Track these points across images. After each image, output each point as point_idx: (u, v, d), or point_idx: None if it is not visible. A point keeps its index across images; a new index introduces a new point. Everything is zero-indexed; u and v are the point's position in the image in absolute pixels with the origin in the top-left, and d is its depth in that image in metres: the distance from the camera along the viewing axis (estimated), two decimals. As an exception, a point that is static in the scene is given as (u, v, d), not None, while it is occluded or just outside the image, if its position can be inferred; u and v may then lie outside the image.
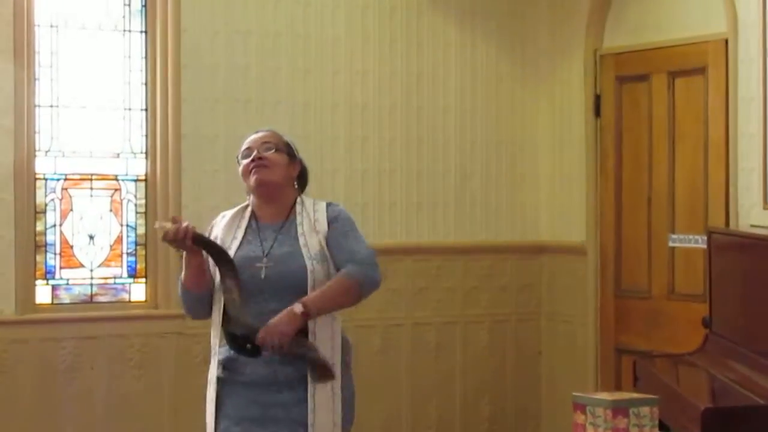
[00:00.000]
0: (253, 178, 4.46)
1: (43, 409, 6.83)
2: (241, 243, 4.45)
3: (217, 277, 4.43)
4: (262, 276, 4.38)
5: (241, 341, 4.35)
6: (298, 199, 4.53)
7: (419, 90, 7.88)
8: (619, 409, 4.38)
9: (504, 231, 8.15)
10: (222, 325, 4.38)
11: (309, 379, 4.35)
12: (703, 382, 5.91)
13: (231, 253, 4.43)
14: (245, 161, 4.48)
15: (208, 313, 4.49)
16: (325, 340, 4.40)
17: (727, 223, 6.95)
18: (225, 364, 4.42)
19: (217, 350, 4.44)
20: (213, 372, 4.45)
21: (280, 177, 4.47)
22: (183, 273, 4.46)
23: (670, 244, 7.38)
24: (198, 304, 4.48)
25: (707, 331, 6.36)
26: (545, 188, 8.21)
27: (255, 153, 4.46)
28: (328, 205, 4.54)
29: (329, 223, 4.48)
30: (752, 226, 6.67)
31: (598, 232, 7.90)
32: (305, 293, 4.34)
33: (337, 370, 4.40)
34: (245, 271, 4.39)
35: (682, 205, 7.37)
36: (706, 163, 7.18)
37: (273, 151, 4.49)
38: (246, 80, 7.31)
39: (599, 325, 7.87)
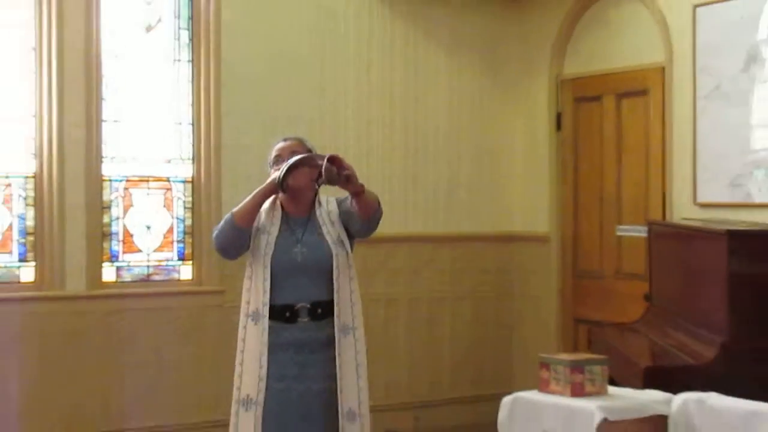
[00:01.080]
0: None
1: (107, 369, 6.80)
2: (279, 231, 4.45)
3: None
4: (299, 259, 4.38)
5: (281, 310, 4.36)
6: (317, 197, 4.57)
7: (416, 108, 7.86)
8: (576, 367, 4.41)
9: (483, 223, 8.13)
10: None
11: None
12: (644, 346, 5.91)
13: (272, 238, 4.41)
14: (275, 167, 4.49)
15: (238, 253, 4.43)
16: (345, 296, 4.42)
17: (664, 217, 6.97)
18: (269, 332, 4.39)
19: (265, 322, 4.37)
20: (259, 341, 4.38)
21: (305, 181, 4.50)
22: (242, 208, 4.37)
23: (618, 233, 7.38)
24: (240, 239, 4.38)
25: (648, 304, 6.38)
26: (516, 189, 8.19)
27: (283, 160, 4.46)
28: (336, 198, 4.55)
29: (338, 205, 4.50)
30: (683, 218, 6.70)
31: (559, 223, 7.91)
32: (330, 273, 4.36)
33: (359, 323, 4.39)
34: (285, 254, 4.39)
35: (627, 202, 7.37)
36: (647, 168, 7.19)
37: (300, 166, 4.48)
38: (274, 99, 7.28)
39: (560, 300, 7.87)
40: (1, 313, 6.53)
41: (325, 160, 4.18)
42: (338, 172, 4.20)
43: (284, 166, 4.36)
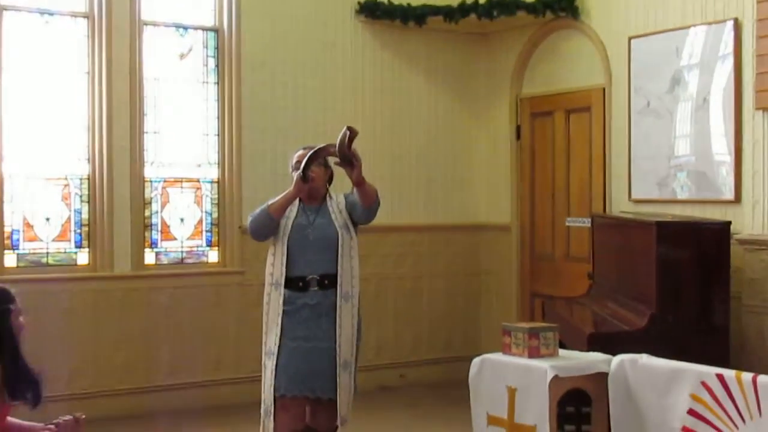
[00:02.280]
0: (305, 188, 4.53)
1: (149, 335, 6.80)
2: (296, 216, 4.55)
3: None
4: (311, 238, 4.49)
5: (295, 281, 4.43)
6: (329, 193, 4.64)
7: (400, 122, 7.83)
8: (533, 333, 4.41)
9: (456, 215, 8.11)
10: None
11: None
12: (588, 316, 5.92)
13: (289, 222, 4.51)
14: (296, 171, 4.54)
15: (267, 237, 4.54)
16: (347, 270, 4.48)
17: (605, 210, 6.98)
18: (284, 299, 4.48)
19: (282, 291, 4.47)
20: (279, 305, 4.47)
21: (319, 183, 4.57)
22: (275, 203, 4.49)
23: (567, 224, 7.39)
24: (271, 228, 4.50)
25: (591, 282, 6.39)
26: (483, 186, 8.16)
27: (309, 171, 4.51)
28: (344, 194, 4.64)
29: (345, 198, 4.61)
30: (621, 212, 6.72)
31: (518, 215, 7.89)
32: (336, 251, 4.46)
33: (356, 293, 4.49)
34: (299, 234, 4.49)
35: (574, 198, 7.37)
36: (591, 170, 7.18)
37: (316, 166, 4.55)
38: (285, 116, 7.26)
39: (519, 278, 7.85)
40: (63, 290, 6.53)
41: (345, 127, 4.22)
42: (349, 144, 4.24)
43: (305, 159, 4.45)
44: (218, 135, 7.17)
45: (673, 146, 6.49)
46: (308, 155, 4.44)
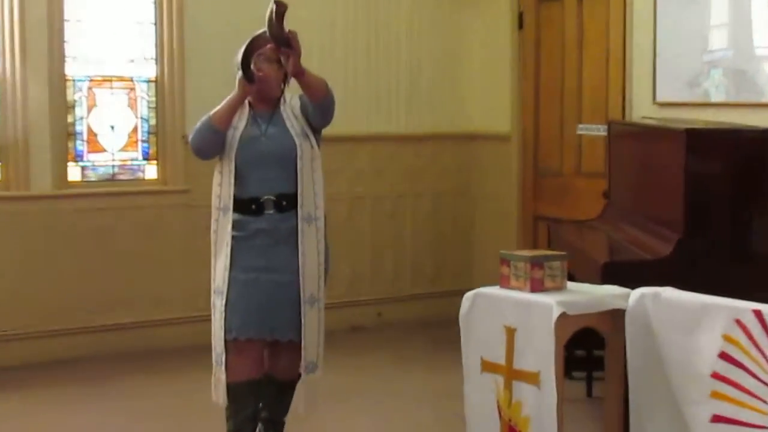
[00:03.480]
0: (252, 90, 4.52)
1: (77, 266, 6.82)
2: (245, 125, 4.53)
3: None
4: (263, 151, 4.51)
5: (247, 203, 4.45)
6: (283, 95, 4.60)
7: (377, 11, 7.77)
8: (536, 263, 4.42)
9: (444, 123, 8.11)
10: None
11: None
12: (602, 242, 5.94)
13: (237, 133, 4.50)
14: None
15: (214, 154, 4.55)
16: (308, 187, 4.51)
17: (624, 116, 6.97)
18: (234, 225, 4.49)
19: (231, 216, 4.49)
20: (227, 232, 4.50)
21: (272, 85, 4.56)
22: (219, 111, 4.48)
23: (578, 132, 7.38)
24: (216, 142, 4.50)
25: (606, 202, 6.42)
26: (477, 88, 8.14)
27: (252, 66, 4.46)
28: (299, 95, 4.61)
29: (300, 99, 4.60)
30: (643, 117, 6.72)
31: (520, 122, 7.88)
32: (295, 164, 4.48)
33: (320, 213, 4.54)
34: (249, 147, 4.49)
35: (587, 101, 7.36)
36: (607, 67, 7.16)
37: (266, 62, 4.51)
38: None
39: (520, 197, 7.88)
40: (-32, 213, 6.52)
41: (272, 2, 4.21)
42: (278, 21, 4.21)
43: (238, 56, 4.42)
44: (156, 24, 7.11)
45: (706, 38, 6.47)
46: (243, 47, 4.42)
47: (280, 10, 4.23)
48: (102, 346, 6.82)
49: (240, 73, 4.46)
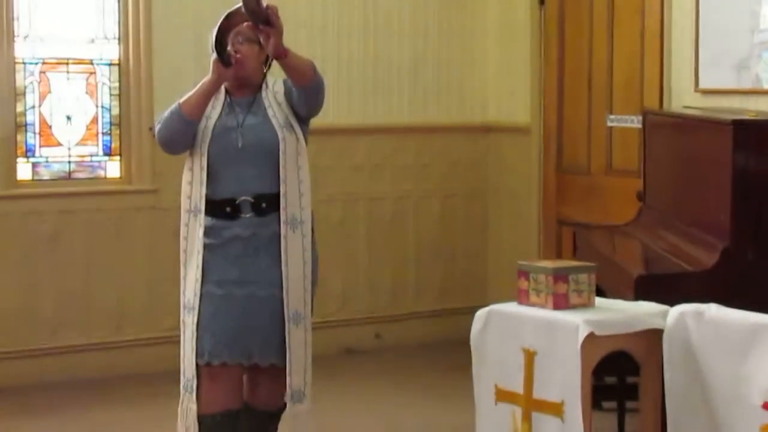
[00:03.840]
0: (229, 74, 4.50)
1: (24, 279, 6.82)
2: (219, 115, 4.52)
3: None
4: (240, 145, 4.49)
5: (220, 205, 4.45)
6: (265, 80, 4.60)
7: (375, -19, 7.83)
8: (560, 275, 4.43)
9: (454, 112, 8.13)
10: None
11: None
12: (636, 251, 5.95)
13: (210, 123, 4.48)
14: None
15: (185, 148, 4.54)
16: (293, 186, 4.50)
17: (661, 105, 6.98)
18: (207, 230, 4.48)
19: (203, 220, 4.49)
20: (198, 239, 4.49)
21: (252, 69, 4.54)
22: (191, 98, 4.47)
23: (608, 123, 7.40)
24: (187, 134, 4.49)
25: (641, 204, 6.42)
26: (493, 72, 8.16)
27: (229, 47, 4.46)
28: (283, 79, 4.60)
29: (284, 84, 4.59)
30: (684, 107, 6.72)
31: (541, 112, 7.89)
32: (277, 159, 4.47)
33: (306, 217, 4.53)
34: (223, 139, 4.48)
35: (619, 88, 7.37)
36: (642, 50, 7.17)
37: (246, 43, 4.50)
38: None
39: (542, 198, 7.90)
40: None
41: None
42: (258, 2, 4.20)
43: (212, 35, 4.42)
44: (119, -2, 7.12)
45: (757, 15, 6.46)
46: (217, 25, 4.41)
47: None
48: (52, 372, 6.81)
49: (214, 54, 4.45)
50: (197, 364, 4.50)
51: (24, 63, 6.90)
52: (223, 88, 4.57)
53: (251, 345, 4.51)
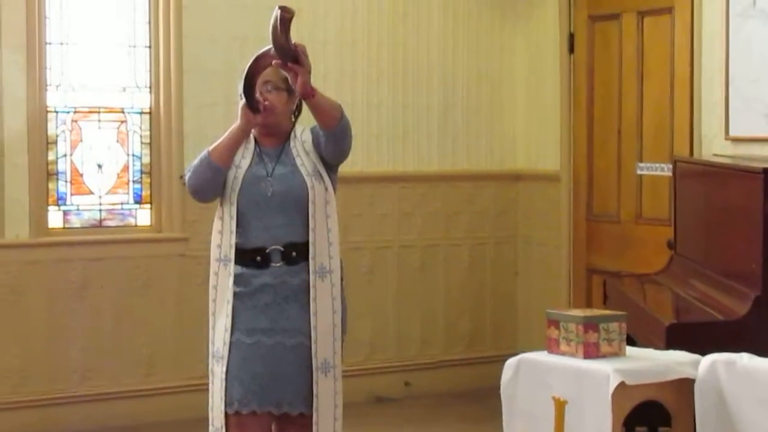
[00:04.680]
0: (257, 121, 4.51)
1: (54, 326, 6.83)
2: (249, 164, 4.52)
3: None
4: (269, 194, 4.48)
5: (251, 254, 4.44)
6: (293, 129, 4.60)
7: (405, 28, 7.82)
8: (590, 324, 4.42)
9: (483, 160, 8.14)
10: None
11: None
12: (667, 300, 5.93)
13: (240, 172, 4.49)
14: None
15: (214, 195, 4.53)
16: (322, 236, 4.49)
17: (691, 153, 6.96)
18: (236, 279, 4.48)
19: (232, 269, 4.48)
20: (228, 287, 4.48)
21: (281, 117, 4.54)
22: (219, 145, 4.47)
23: (638, 171, 7.39)
24: (216, 182, 4.48)
25: (672, 253, 6.39)
26: (522, 120, 8.18)
27: (257, 95, 4.46)
28: (310, 127, 4.59)
29: (312, 132, 4.57)
30: (714, 155, 6.70)
31: (571, 160, 7.89)
32: (306, 208, 4.46)
33: (336, 266, 4.51)
34: (253, 189, 4.48)
35: (649, 136, 7.36)
36: (672, 96, 7.16)
37: (274, 91, 4.51)
38: (240, 16, 7.22)
39: (572, 247, 7.88)
40: (-68, 264, 6.59)
41: (276, 8, 4.18)
42: (284, 30, 4.17)
43: (243, 77, 4.41)
44: (150, 47, 7.17)
45: (788, 62, 6.45)
46: (246, 69, 4.41)
47: (286, 17, 4.18)
48: (80, 420, 6.81)
49: (243, 101, 4.45)
50: (226, 413, 4.48)
51: (56, 112, 6.94)
52: (252, 137, 4.57)
53: (280, 394, 4.48)
